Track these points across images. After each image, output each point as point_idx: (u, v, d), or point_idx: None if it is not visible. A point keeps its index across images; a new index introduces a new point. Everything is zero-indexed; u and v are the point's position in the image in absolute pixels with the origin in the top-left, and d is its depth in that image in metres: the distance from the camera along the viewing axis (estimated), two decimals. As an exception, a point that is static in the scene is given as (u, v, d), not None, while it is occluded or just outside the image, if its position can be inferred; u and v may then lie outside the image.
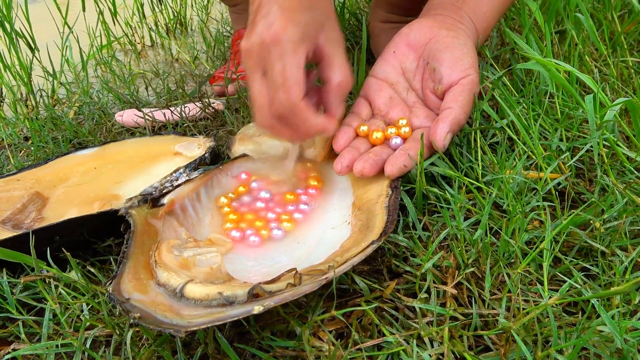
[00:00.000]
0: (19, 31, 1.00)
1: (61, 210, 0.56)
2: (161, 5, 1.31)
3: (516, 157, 0.53)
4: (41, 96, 0.95)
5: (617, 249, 0.43)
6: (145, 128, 0.76)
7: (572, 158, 0.52)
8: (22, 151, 0.78)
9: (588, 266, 0.43)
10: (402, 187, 0.51)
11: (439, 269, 0.44)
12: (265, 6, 0.47)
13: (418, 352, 0.38)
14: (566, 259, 0.43)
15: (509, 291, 0.41)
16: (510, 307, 0.40)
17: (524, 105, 0.59)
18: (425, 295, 0.42)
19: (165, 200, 0.52)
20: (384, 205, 0.47)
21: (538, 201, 0.48)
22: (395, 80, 0.58)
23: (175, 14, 1.30)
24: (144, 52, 1.21)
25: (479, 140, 0.54)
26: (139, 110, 0.76)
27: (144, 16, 1.29)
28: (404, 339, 0.39)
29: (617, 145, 0.51)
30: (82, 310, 0.45)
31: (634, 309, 0.39)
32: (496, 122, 0.56)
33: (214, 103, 0.77)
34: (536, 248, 0.42)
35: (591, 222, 0.46)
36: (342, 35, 0.52)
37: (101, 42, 1.17)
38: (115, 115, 0.78)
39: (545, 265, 0.42)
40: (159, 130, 0.77)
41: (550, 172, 0.50)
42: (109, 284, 0.40)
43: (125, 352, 0.41)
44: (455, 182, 0.50)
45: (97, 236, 0.52)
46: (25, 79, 0.97)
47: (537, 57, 0.56)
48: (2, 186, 0.58)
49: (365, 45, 0.64)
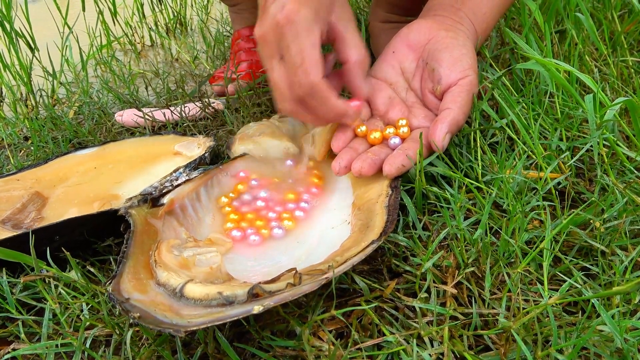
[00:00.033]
0: (19, 31, 1.00)
1: (61, 210, 0.56)
2: (161, 5, 1.31)
3: (516, 157, 0.53)
4: (41, 96, 0.95)
5: (617, 249, 0.43)
6: (145, 128, 0.76)
7: (572, 158, 0.52)
8: (22, 151, 0.78)
9: (588, 266, 0.43)
10: (402, 187, 0.51)
11: (439, 268, 0.44)
12: None
13: (418, 351, 0.38)
14: (566, 258, 0.43)
15: (509, 291, 0.41)
16: (510, 306, 0.40)
17: (524, 105, 0.59)
18: (425, 294, 0.42)
19: (165, 200, 0.52)
20: (384, 205, 0.47)
21: (538, 201, 0.48)
22: (395, 80, 0.58)
23: (175, 14, 1.30)
24: (143, 52, 1.21)
25: (478, 140, 0.54)
26: (139, 110, 0.76)
27: (144, 16, 1.29)
28: (404, 339, 0.39)
29: (617, 145, 0.51)
30: (82, 310, 0.45)
31: (634, 309, 0.39)
32: (496, 121, 0.56)
33: (213, 103, 0.77)
34: (536, 248, 0.42)
35: (591, 221, 0.46)
36: (352, 13, 0.52)
37: (101, 42, 1.17)
38: (115, 115, 0.78)
39: (545, 264, 0.42)
40: (158, 130, 0.77)
41: (550, 172, 0.50)
42: (109, 283, 0.40)
43: (125, 352, 0.41)
44: (455, 182, 0.50)
45: (97, 236, 0.52)
46: (25, 79, 0.97)
47: (537, 56, 0.56)
48: (2, 186, 0.58)
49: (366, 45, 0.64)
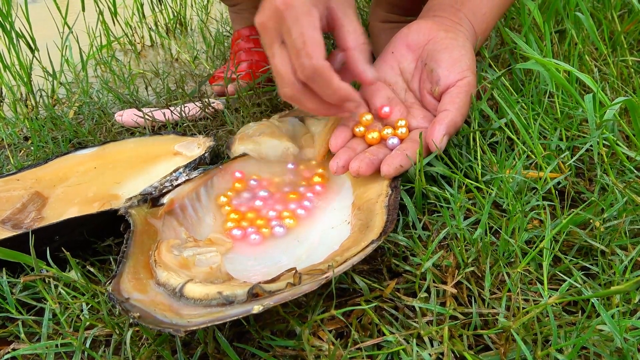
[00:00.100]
0: (19, 31, 1.00)
1: (61, 210, 0.56)
2: (161, 5, 1.31)
3: (516, 157, 0.53)
4: (41, 96, 0.95)
5: (617, 248, 0.43)
6: (145, 128, 0.76)
7: (571, 157, 0.52)
8: (22, 151, 0.78)
9: (588, 265, 0.43)
10: (402, 187, 0.51)
11: (438, 268, 0.44)
12: None
13: (418, 351, 0.38)
14: (566, 258, 0.43)
15: (509, 290, 0.41)
16: (510, 306, 0.40)
17: (524, 104, 0.59)
18: (425, 294, 0.42)
19: (164, 199, 0.52)
20: (384, 205, 0.47)
21: (538, 200, 0.48)
22: (394, 80, 0.58)
23: (175, 14, 1.30)
24: (143, 52, 1.21)
25: (478, 140, 0.54)
26: (139, 110, 0.76)
27: (144, 16, 1.29)
28: (403, 339, 0.39)
29: (617, 145, 0.51)
30: (81, 310, 0.45)
31: (634, 308, 0.39)
32: (495, 122, 0.56)
33: (213, 103, 0.77)
34: (536, 247, 0.42)
35: (591, 221, 0.46)
36: None
37: (101, 42, 1.17)
38: (115, 115, 0.78)
39: (545, 264, 0.42)
40: (158, 130, 0.77)
41: (550, 172, 0.50)
42: (109, 283, 0.40)
43: (125, 352, 0.41)
44: (455, 182, 0.50)
45: (96, 236, 0.52)
46: (25, 79, 0.97)
47: (537, 56, 0.56)
48: (1, 186, 0.58)
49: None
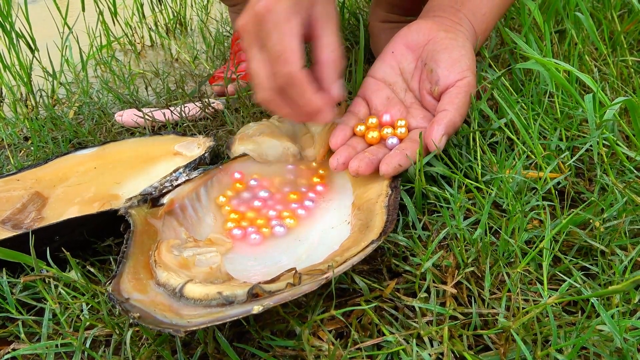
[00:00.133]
0: (19, 31, 1.00)
1: (61, 210, 0.56)
2: (161, 5, 1.31)
3: (516, 157, 0.53)
4: (41, 96, 0.95)
5: (617, 248, 0.43)
6: (145, 128, 0.76)
7: (571, 157, 0.52)
8: (22, 151, 0.78)
9: (588, 265, 0.43)
10: (402, 187, 0.51)
11: (438, 268, 0.44)
12: None
13: (418, 351, 0.38)
14: (566, 258, 0.43)
15: (509, 290, 0.41)
16: (510, 306, 0.40)
17: (523, 104, 0.59)
18: (425, 294, 0.42)
19: (164, 200, 0.52)
20: (384, 205, 0.47)
21: (538, 200, 0.48)
22: (393, 80, 0.58)
23: (175, 14, 1.30)
24: (143, 52, 1.21)
25: (478, 140, 0.54)
26: (139, 110, 0.76)
27: (144, 16, 1.28)
28: (403, 339, 0.39)
29: (617, 145, 0.51)
30: (81, 310, 0.45)
31: (634, 308, 0.39)
32: (495, 122, 0.56)
33: (213, 103, 0.77)
34: (536, 247, 0.42)
35: (591, 221, 0.46)
36: (335, 10, 0.52)
37: (101, 42, 1.17)
38: (115, 115, 0.78)
39: (545, 264, 0.42)
40: (158, 130, 0.77)
41: (550, 172, 0.50)
42: (109, 283, 0.40)
43: (125, 352, 0.41)
44: (454, 182, 0.50)
45: (96, 236, 0.52)
46: (25, 79, 0.97)
47: (537, 56, 0.56)
48: (2, 186, 0.58)
49: (365, 45, 0.64)
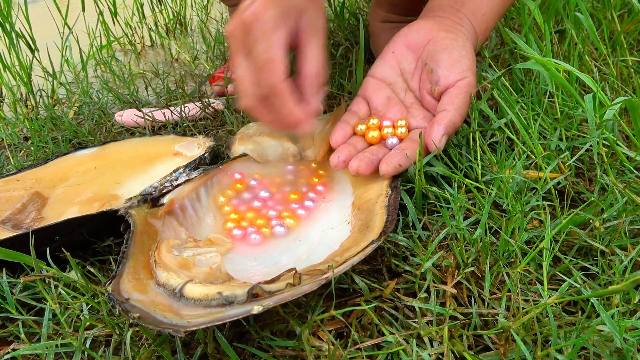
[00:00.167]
0: (19, 31, 1.00)
1: (61, 210, 0.56)
2: (161, 5, 1.30)
3: (516, 157, 0.53)
4: (41, 96, 0.95)
5: (617, 248, 0.43)
6: (145, 128, 0.76)
7: (571, 157, 0.52)
8: (22, 151, 0.78)
9: (588, 265, 0.43)
10: (402, 187, 0.51)
11: (438, 268, 0.44)
12: None
13: (417, 351, 0.38)
14: (566, 258, 0.43)
15: (509, 291, 0.41)
16: (510, 306, 0.40)
17: (523, 104, 0.59)
18: (425, 294, 0.42)
19: (164, 200, 0.52)
20: (384, 205, 0.47)
21: (538, 201, 0.48)
22: (394, 80, 0.58)
23: (175, 14, 1.30)
24: (143, 52, 1.21)
25: (478, 140, 0.54)
26: (139, 110, 0.76)
27: (144, 16, 1.28)
28: (403, 339, 0.39)
29: (617, 145, 0.51)
30: (81, 310, 0.45)
31: (634, 309, 0.39)
32: (495, 122, 0.56)
33: (213, 103, 0.77)
34: (536, 247, 0.42)
35: (591, 221, 0.46)
36: (324, 23, 0.52)
37: (101, 42, 1.17)
38: (115, 115, 0.78)
39: (545, 264, 0.42)
40: (158, 130, 0.77)
41: (550, 172, 0.50)
42: (109, 284, 0.40)
43: (125, 352, 0.41)
44: (454, 182, 0.50)
45: (96, 236, 0.52)
46: (25, 79, 0.97)
47: (537, 56, 0.56)
48: (2, 186, 0.58)
49: (365, 45, 0.64)
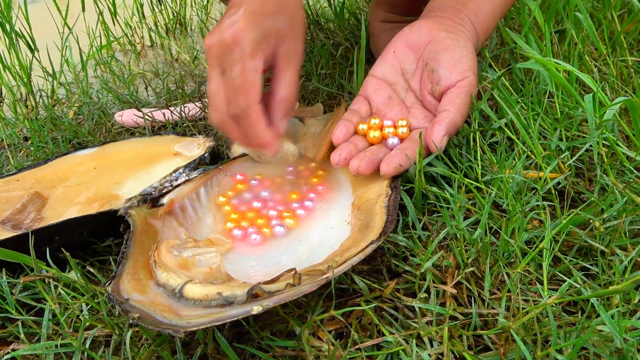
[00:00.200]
0: (19, 31, 1.00)
1: (61, 211, 0.56)
2: (161, 5, 1.30)
3: (516, 157, 0.53)
4: (41, 96, 0.95)
5: (617, 249, 0.43)
6: (144, 128, 0.76)
7: (571, 157, 0.52)
8: (22, 151, 0.78)
9: (588, 266, 0.43)
10: (402, 187, 0.51)
11: (438, 268, 0.44)
12: (234, 8, 0.48)
13: (417, 351, 0.38)
14: (566, 258, 0.43)
15: (509, 291, 0.41)
16: (510, 306, 0.40)
17: (524, 104, 0.59)
18: (425, 294, 0.42)
19: (164, 200, 0.52)
20: (384, 205, 0.47)
21: (538, 201, 0.48)
22: (395, 80, 0.58)
23: (175, 14, 1.30)
24: (143, 52, 1.21)
25: (478, 140, 0.54)
26: (139, 110, 0.76)
27: (144, 16, 1.28)
28: (403, 339, 0.39)
29: (617, 145, 0.51)
30: (81, 311, 0.45)
31: (634, 309, 0.39)
32: (495, 122, 0.56)
33: (213, 103, 0.77)
34: (536, 247, 0.42)
35: (591, 221, 0.46)
36: (302, 48, 0.53)
37: (101, 43, 1.17)
38: (115, 115, 0.78)
39: (545, 264, 0.42)
40: (158, 130, 0.76)
41: (550, 172, 0.50)
42: (108, 284, 0.40)
43: (125, 352, 0.41)
44: (454, 182, 0.50)
45: (96, 236, 0.52)
46: (25, 79, 0.97)
47: (537, 56, 0.56)
48: (1, 186, 0.58)
49: (365, 45, 0.64)
